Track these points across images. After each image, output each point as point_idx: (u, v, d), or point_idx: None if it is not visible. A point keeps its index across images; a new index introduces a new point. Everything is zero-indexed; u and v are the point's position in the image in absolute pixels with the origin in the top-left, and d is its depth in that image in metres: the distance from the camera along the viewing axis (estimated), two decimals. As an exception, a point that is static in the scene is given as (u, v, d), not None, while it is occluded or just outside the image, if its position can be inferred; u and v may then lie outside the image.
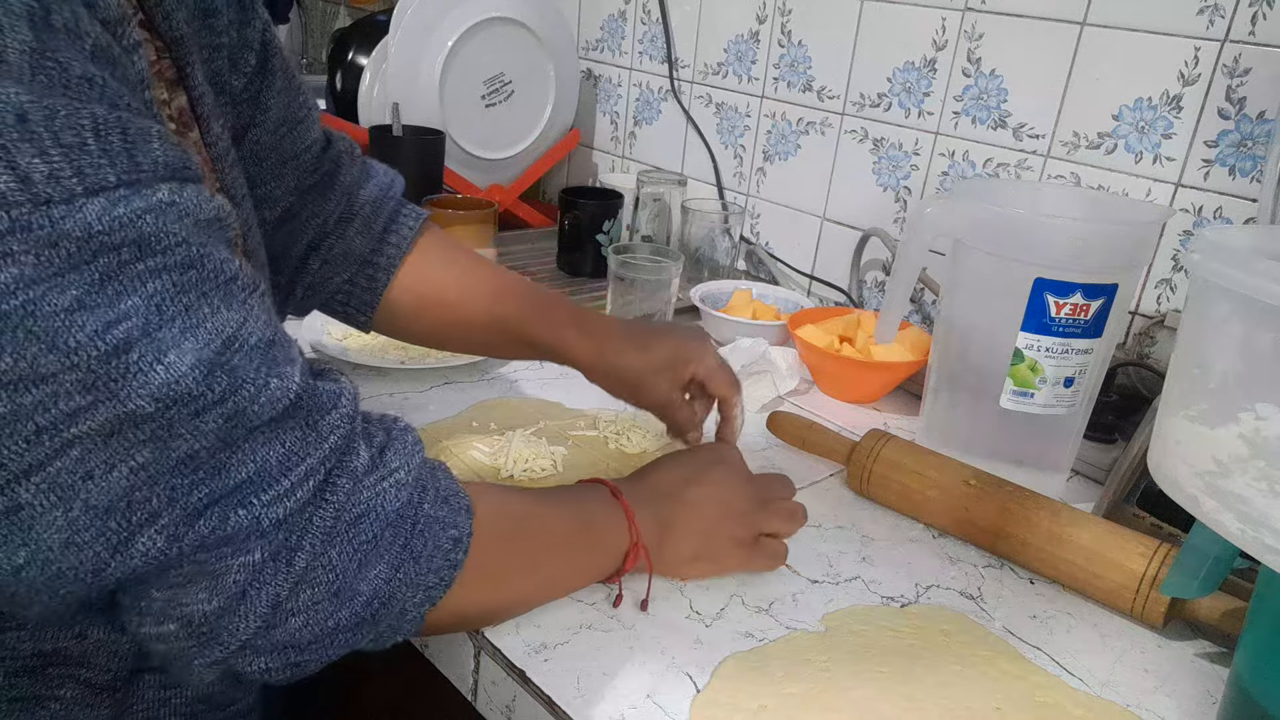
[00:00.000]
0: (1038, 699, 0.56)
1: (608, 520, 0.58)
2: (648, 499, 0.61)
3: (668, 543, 0.60)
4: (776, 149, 1.23)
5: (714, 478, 0.64)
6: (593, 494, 0.60)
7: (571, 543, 0.57)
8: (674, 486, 0.63)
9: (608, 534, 0.58)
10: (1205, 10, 0.84)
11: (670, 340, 0.73)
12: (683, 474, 0.64)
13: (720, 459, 0.67)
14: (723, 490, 0.64)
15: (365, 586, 0.44)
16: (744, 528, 0.63)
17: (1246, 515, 0.44)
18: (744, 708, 0.52)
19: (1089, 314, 0.74)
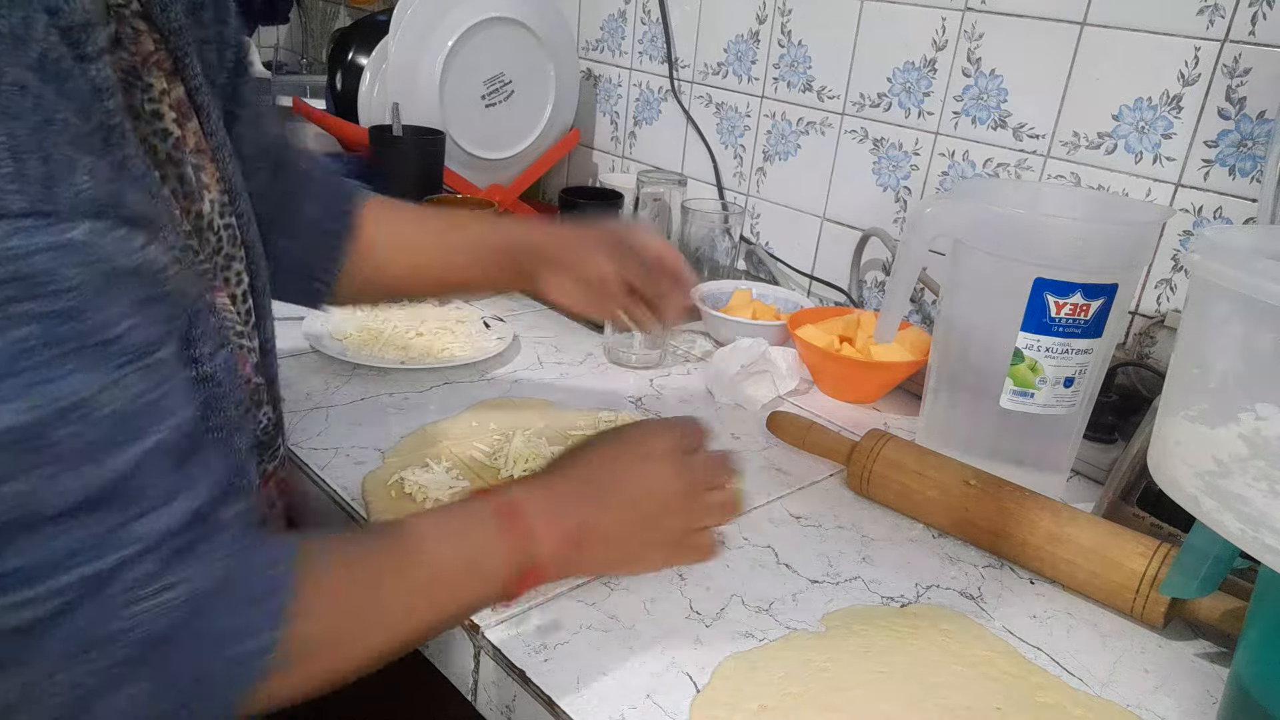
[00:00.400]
0: (1038, 699, 0.56)
1: (497, 550, 0.51)
2: (560, 498, 0.55)
3: (585, 548, 0.55)
4: (776, 149, 1.23)
5: (641, 469, 0.57)
6: (481, 521, 0.52)
7: (442, 584, 0.50)
8: (593, 481, 0.57)
9: (492, 560, 0.51)
10: (1205, 10, 0.84)
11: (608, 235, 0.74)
12: (606, 464, 0.57)
13: (650, 443, 0.59)
14: (650, 482, 0.57)
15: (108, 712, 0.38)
16: (672, 524, 0.57)
17: (1246, 515, 0.44)
18: (744, 708, 0.52)
19: (1089, 314, 0.74)
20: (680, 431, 0.59)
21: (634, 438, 0.59)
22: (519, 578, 0.51)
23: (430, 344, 0.94)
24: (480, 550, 0.51)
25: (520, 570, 0.51)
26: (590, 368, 0.97)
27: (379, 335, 0.94)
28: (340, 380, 0.88)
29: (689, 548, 0.59)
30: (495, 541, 0.51)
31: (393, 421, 0.81)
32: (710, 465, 0.60)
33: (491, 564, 0.51)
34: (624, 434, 0.59)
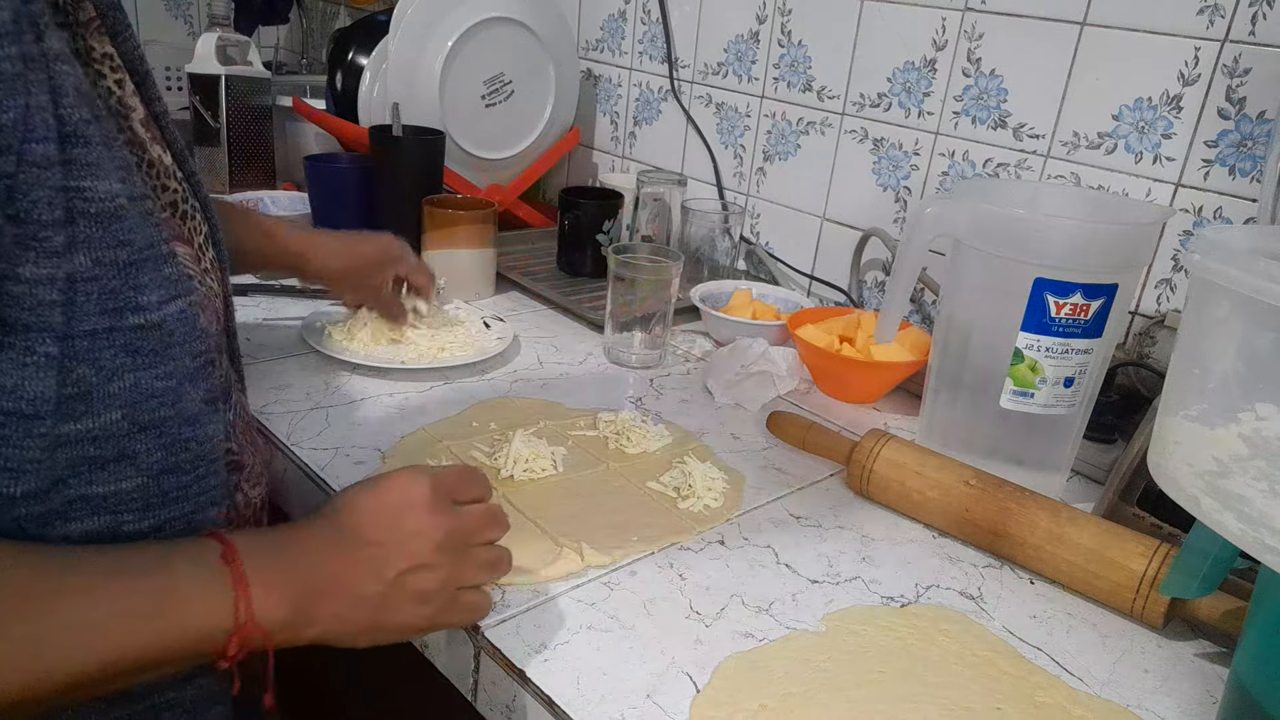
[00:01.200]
0: (1038, 699, 0.56)
1: (199, 594, 0.45)
2: (292, 560, 0.49)
3: (323, 606, 0.48)
4: (776, 149, 1.23)
5: (398, 521, 0.52)
6: (186, 558, 0.46)
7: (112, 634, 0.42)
8: (342, 532, 0.51)
9: (191, 613, 0.44)
10: (1205, 10, 0.84)
11: (374, 243, 0.92)
12: (358, 515, 0.51)
13: (410, 492, 0.53)
14: (407, 536, 0.51)
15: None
16: (430, 582, 0.52)
17: (1246, 515, 0.44)
18: (744, 708, 0.52)
19: (1089, 314, 0.74)
20: (448, 481, 0.54)
21: (394, 486, 0.53)
22: (230, 635, 0.45)
23: (430, 344, 0.94)
24: (173, 595, 0.44)
25: (231, 627, 0.45)
26: (590, 368, 0.97)
27: (379, 335, 0.94)
28: (340, 380, 0.88)
29: (457, 609, 0.54)
30: (198, 592, 0.45)
31: (393, 421, 0.81)
32: (479, 518, 0.55)
33: (186, 616, 0.44)
34: (384, 482, 0.53)
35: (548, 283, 1.16)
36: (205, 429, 0.51)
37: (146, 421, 0.48)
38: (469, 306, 1.04)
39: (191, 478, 0.51)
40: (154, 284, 0.47)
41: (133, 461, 0.48)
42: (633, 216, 1.23)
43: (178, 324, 0.48)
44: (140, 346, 0.47)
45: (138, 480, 0.48)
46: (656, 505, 0.72)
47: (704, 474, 0.75)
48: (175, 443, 0.49)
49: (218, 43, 1.34)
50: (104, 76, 0.52)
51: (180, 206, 0.56)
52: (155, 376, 0.47)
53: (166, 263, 0.48)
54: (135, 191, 0.47)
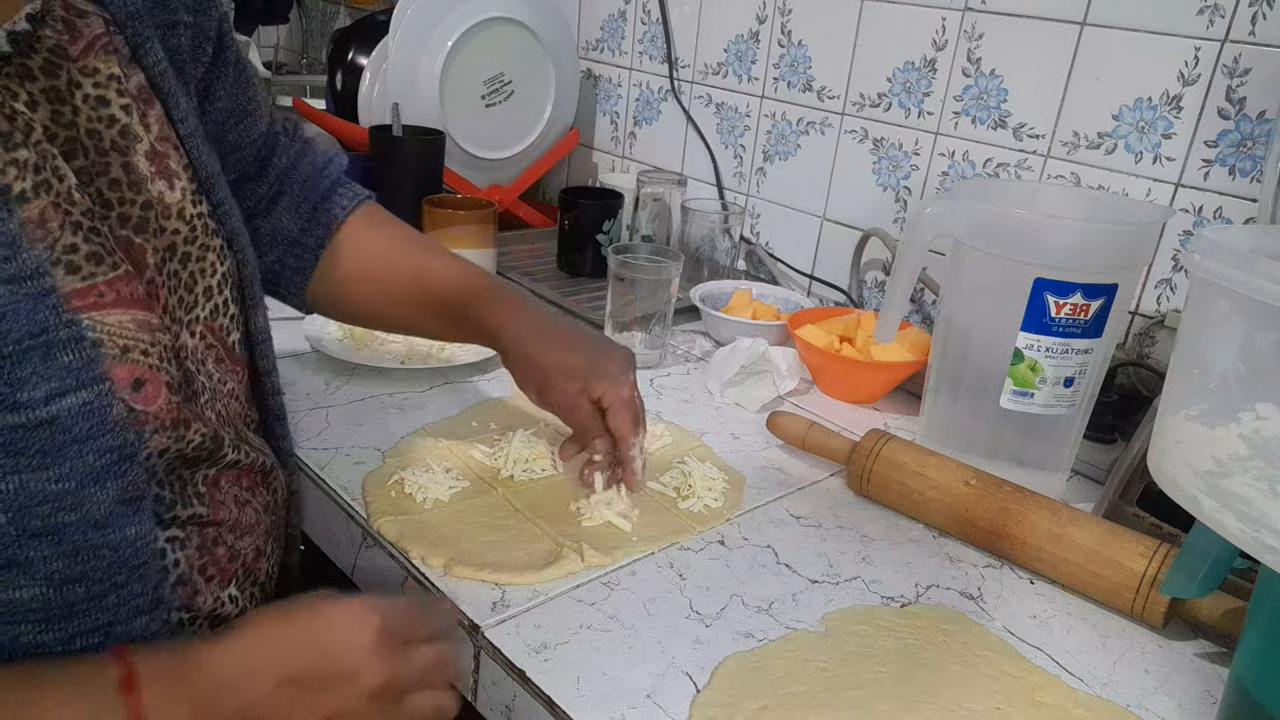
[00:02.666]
0: (1038, 699, 0.56)
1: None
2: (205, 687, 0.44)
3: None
4: (776, 149, 1.23)
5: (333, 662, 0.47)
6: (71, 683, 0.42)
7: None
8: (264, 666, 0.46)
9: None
10: (1205, 10, 0.84)
11: (593, 352, 0.68)
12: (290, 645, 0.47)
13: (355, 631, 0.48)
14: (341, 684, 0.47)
15: None
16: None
17: (1246, 515, 0.44)
18: (744, 708, 0.52)
19: (1089, 314, 0.74)
20: (398, 615, 0.50)
21: (340, 619, 0.48)
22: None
23: (430, 344, 0.94)
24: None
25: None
26: (590, 368, 0.97)
27: (379, 335, 0.94)
28: (340, 380, 0.88)
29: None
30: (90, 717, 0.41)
31: (393, 421, 0.81)
32: (424, 664, 0.50)
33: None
34: (331, 610, 0.48)
35: (548, 283, 1.16)
36: (120, 533, 0.45)
37: (38, 528, 0.42)
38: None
39: (105, 587, 0.45)
40: (40, 377, 0.41)
41: (25, 570, 0.42)
42: (633, 216, 1.23)
43: (75, 420, 0.42)
44: (23, 448, 0.41)
45: (34, 590, 0.42)
46: (657, 505, 0.72)
47: (704, 474, 0.75)
48: (79, 550, 0.43)
49: (218, 43, 1.34)
50: (107, 103, 0.49)
51: (181, 249, 0.52)
52: (46, 479, 0.42)
53: (64, 350, 0.42)
54: (19, 270, 0.41)
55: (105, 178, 0.49)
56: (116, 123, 0.49)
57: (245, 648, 0.46)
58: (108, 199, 0.49)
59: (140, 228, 0.50)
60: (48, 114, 0.46)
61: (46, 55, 0.47)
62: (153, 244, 0.50)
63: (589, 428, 0.68)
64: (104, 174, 0.49)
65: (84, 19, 0.49)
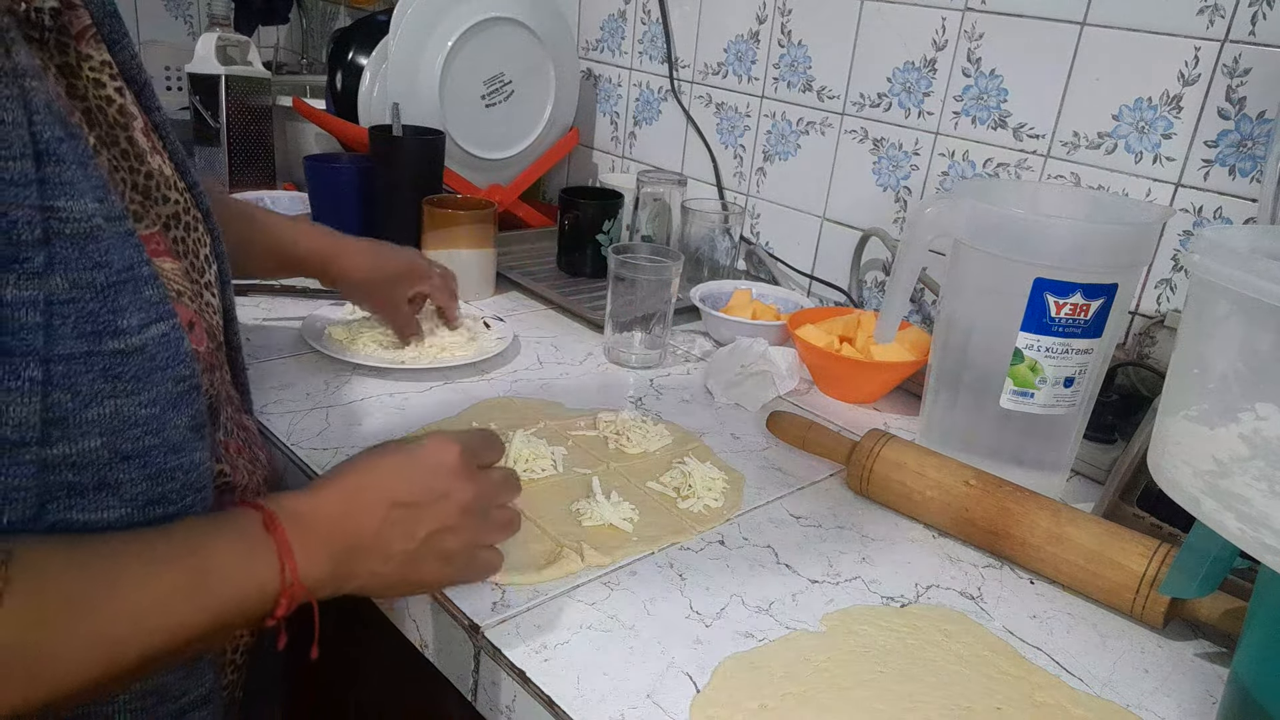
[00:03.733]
0: (1038, 699, 0.56)
1: (245, 562, 0.48)
2: (330, 520, 0.51)
3: (358, 573, 0.52)
4: (776, 149, 1.23)
5: (423, 483, 0.54)
6: (230, 530, 0.49)
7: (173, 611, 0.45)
8: (369, 493, 0.53)
9: (241, 581, 0.47)
10: (1205, 10, 0.84)
11: (401, 257, 0.91)
12: (385, 476, 0.54)
13: (436, 456, 0.55)
14: (432, 497, 0.54)
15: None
16: (453, 541, 0.54)
17: (1246, 515, 0.44)
18: (744, 708, 0.52)
19: (1089, 314, 0.74)
20: (471, 445, 0.56)
21: (426, 450, 0.55)
22: (278, 596, 0.48)
23: (430, 344, 0.94)
24: (222, 568, 0.47)
25: (278, 590, 0.48)
26: (590, 368, 0.97)
27: (379, 335, 0.94)
28: (340, 380, 0.88)
29: (471, 566, 0.56)
30: (242, 559, 0.47)
31: (393, 421, 0.81)
32: (499, 483, 0.57)
33: (237, 582, 0.47)
34: (409, 445, 0.56)
35: (548, 283, 1.16)
36: (191, 457, 0.49)
37: (129, 450, 0.46)
38: (469, 306, 1.04)
39: (178, 508, 0.49)
40: (134, 307, 0.45)
41: (115, 491, 0.46)
42: (633, 216, 1.23)
43: (160, 349, 0.47)
44: (120, 372, 0.45)
45: (121, 511, 0.46)
46: (657, 505, 0.72)
47: (704, 474, 0.75)
48: (160, 472, 0.48)
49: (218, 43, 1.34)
50: (103, 85, 0.51)
51: (183, 218, 0.55)
52: (137, 404, 0.46)
53: (148, 285, 0.46)
54: (112, 211, 0.45)
55: (116, 148, 0.51)
56: (114, 102, 0.52)
57: (354, 484, 0.53)
58: (122, 167, 0.52)
59: (147, 194, 0.53)
60: (64, 87, 0.49)
61: (56, 35, 0.49)
62: (156, 210, 0.53)
63: (405, 324, 0.92)
64: (115, 144, 0.51)
65: (73, 10, 0.51)
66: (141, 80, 0.55)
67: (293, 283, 1.07)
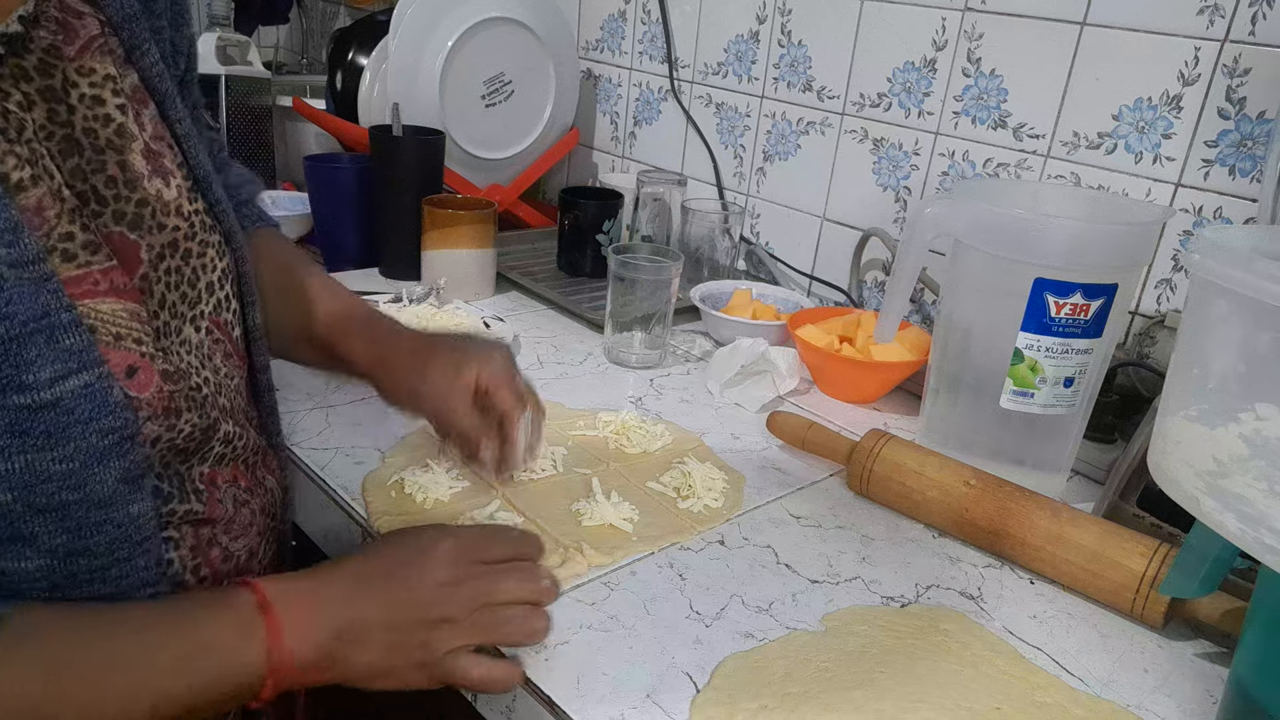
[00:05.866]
0: (1038, 699, 0.56)
1: (234, 643, 0.47)
2: (321, 605, 0.50)
3: (342, 658, 0.50)
4: (776, 149, 1.23)
5: (416, 572, 0.52)
6: (220, 609, 0.48)
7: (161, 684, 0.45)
8: (362, 584, 0.52)
9: (230, 661, 0.47)
10: (1205, 10, 0.84)
11: (456, 346, 0.68)
12: (378, 567, 0.52)
13: (430, 548, 0.53)
14: (425, 590, 0.52)
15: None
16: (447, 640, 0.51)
17: (1246, 515, 0.44)
18: (744, 708, 0.52)
19: (1089, 314, 0.74)
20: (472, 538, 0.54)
21: (417, 539, 0.54)
22: (264, 678, 0.47)
23: None
24: (210, 647, 0.47)
25: (265, 672, 0.47)
26: (590, 368, 0.97)
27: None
28: (340, 380, 0.88)
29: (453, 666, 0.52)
30: (231, 639, 0.47)
31: (393, 421, 0.81)
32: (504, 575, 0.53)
33: (226, 662, 0.47)
34: (409, 534, 0.55)
35: (548, 283, 1.16)
36: (123, 510, 0.47)
37: (43, 505, 0.44)
38: (469, 306, 1.04)
39: (107, 560, 0.47)
40: (44, 360, 0.42)
41: (30, 544, 0.44)
42: (633, 216, 1.23)
43: (78, 401, 0.43)
44: (28, 428, 0.42)
45: (39, 561, 0.45)
46: (657, 505, 0.72)
47: (704, 474, 0.75)
48: (83, 526, 0.45)
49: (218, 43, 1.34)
50: (103, 103, 0.50)
51: (183, 245, 0.53)
52: (51, 460, 0.43)
53: (66, 333, 0.43)
54: (24, 255, 0.42)
55: (101, 175, 0.49)
56: (112, 121, 0.50)
57: (346, 568, 0.52)
58: (103, 195, 0.49)
59: (135, 224, 0.50)
60: (43, 113, 0.47)
61: (41, 55, 0.47)
62: (147, 240, 0.51)
63: (468, 423, 0.66)
64: (100, 171, 0.49)
65: (80, 20, 0.49)
66: (163, 90, 0.53)
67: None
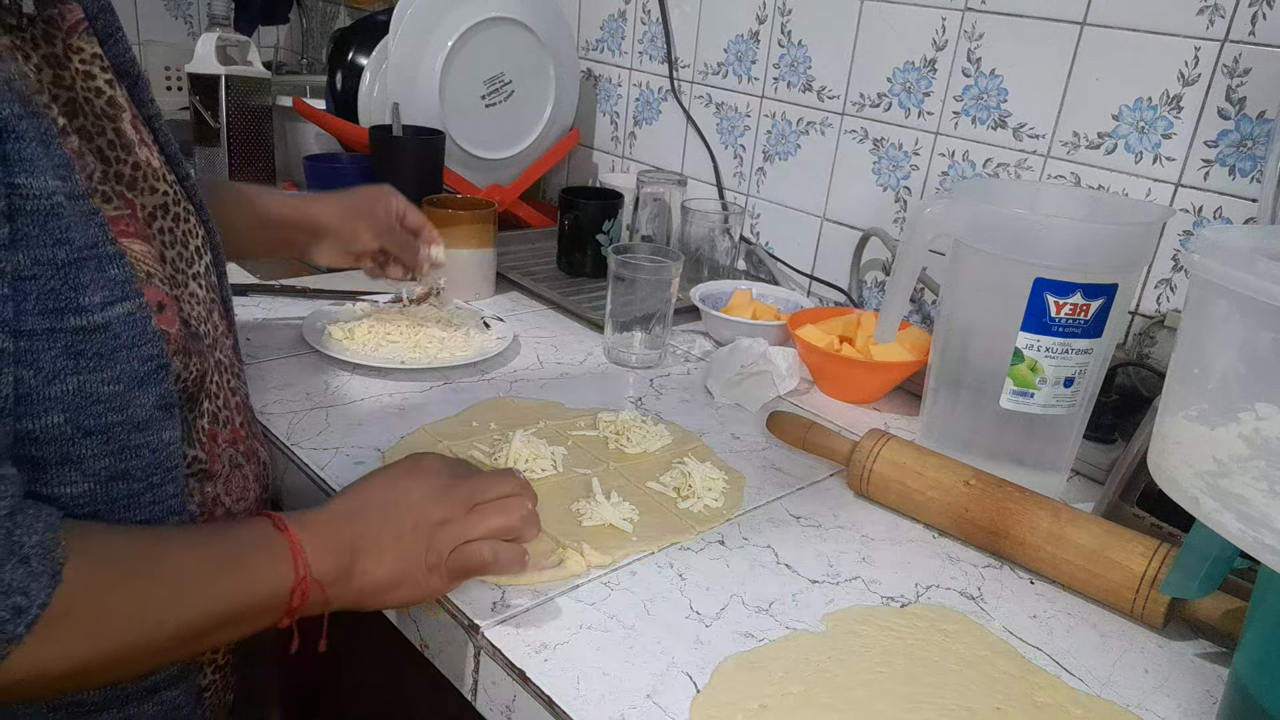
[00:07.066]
0: (1038, 699, 0.56)
1: (264, 556, 0.51)
2: (329, 524, 0.55)
3: (359, 570, 0.54)
4: (776, 149, 1.23)
5: (407, 486, 0.58)
6: (246, 529, 0.53)
7: (205, 587, 0.49)
8: (362, 504, 0.57)
9: (261, 570, 0.51)
10: (1205, 10, 0.84)
11: (367, 190, 0.91)
12: (373, 490, 0.58)
13: (415, 466, 0.60)
14: (419, 498, 0.57)
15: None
16: (450, 536, 0.56)
17: (1246, 515, 0.44)
18: (744, 708, 0.52)
19: (1089, 314, 0.74)
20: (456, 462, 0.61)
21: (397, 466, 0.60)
22: (293, 587, 0.51)
23: (431, 344, 0.94)
24: (251, 557, 0.51)
25: (293, 581, 0.51)
26: (590, 368, 0.97)
27: (379, 335, 0.94)
28: (340, 380, 0.88)
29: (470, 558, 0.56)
30: (268, 550, 0.51)
31: (393, 421, 0.81)
32: (490, 477, 0.60)
33: (266, 572, 0.51)
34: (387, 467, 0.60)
35: (548, 283, 1.16)
36: (158, 435, 0.50)
37: (91, 426, 0.47)
38: (469, 306, 1.04)
39: (143, 485, 0.50)
40: (96, 285, 0.46)
41: (77, 466, 0.47)
42: (633, 216, 1.23)
43: (124, 327, 0.47)
44: (83, 349, 0.46)
45: (84, 486, 0.48)
46: (657, 505, 0.72)
47: (704, 474, 0.75)
48: (124, 449, 0.49)
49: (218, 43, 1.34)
50: (94, 77, 0.52)
51: (172, 209, 0.56)
52: (100, 381, 0.47)
53: (112, 264, 0.47)
54: (75, 189, 0.46)
55: (103, 138, 0.52)
56: (103, 94, 0.53)
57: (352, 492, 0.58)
58: (107, 156, 0.52)
59: (131, 185, 0.53)
60: (50, 78, 0.50)
61: (44, 25, 0.50)
62: (141, 200, 0.54)
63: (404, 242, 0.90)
64: (101, 134, 0.52)
65: (66, 4, 0.52)
66: (134, 74, 0.56)
67: (293, 282, 1.07)
